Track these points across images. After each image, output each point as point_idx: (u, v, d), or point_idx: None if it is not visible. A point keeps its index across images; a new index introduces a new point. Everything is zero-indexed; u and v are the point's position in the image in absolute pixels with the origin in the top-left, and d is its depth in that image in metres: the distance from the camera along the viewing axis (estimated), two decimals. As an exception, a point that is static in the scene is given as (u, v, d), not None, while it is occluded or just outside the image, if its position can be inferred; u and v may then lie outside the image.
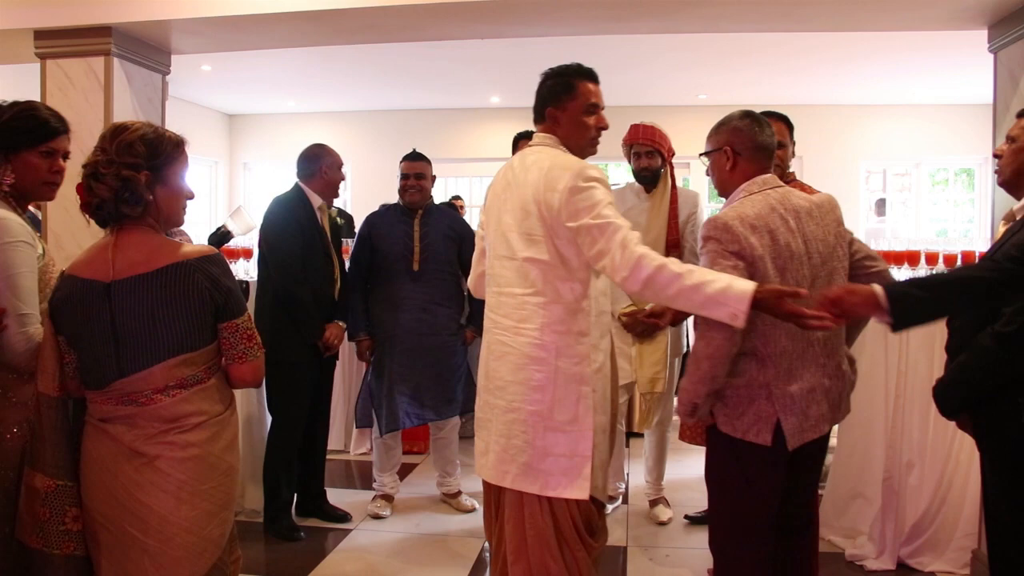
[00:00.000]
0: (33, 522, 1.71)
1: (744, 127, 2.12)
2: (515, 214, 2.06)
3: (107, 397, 1.72)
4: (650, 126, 3.36)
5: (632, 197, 3.40)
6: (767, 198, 2.04)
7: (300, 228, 3.34)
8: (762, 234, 1.97)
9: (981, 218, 8.00)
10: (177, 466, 1.71)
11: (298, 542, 3.32)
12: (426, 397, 3.52)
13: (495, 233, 2.13)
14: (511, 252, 2.06)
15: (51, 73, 3.37)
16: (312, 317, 3.33)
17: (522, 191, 2.06)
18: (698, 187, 8.25)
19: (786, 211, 2.03)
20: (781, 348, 2.00)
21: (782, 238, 1.99)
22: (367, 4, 3.15)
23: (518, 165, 2.13)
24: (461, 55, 6.01)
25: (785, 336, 1.99)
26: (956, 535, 2.98)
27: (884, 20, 3.48)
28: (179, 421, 1.72)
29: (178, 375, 1.72)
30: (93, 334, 1.71)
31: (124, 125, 1.76)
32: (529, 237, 2.03)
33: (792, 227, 2.01)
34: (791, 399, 2.00)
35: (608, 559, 3.11)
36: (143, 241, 1.74)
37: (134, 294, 1.69)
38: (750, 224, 1.97)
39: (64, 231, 3.33)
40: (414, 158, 3.64)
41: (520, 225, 2.05)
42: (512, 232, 2.06)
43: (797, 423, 2.00)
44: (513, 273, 2.06)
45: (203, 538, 1.74)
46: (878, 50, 5.84)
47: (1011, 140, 2.04)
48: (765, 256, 1.96)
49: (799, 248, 2.01)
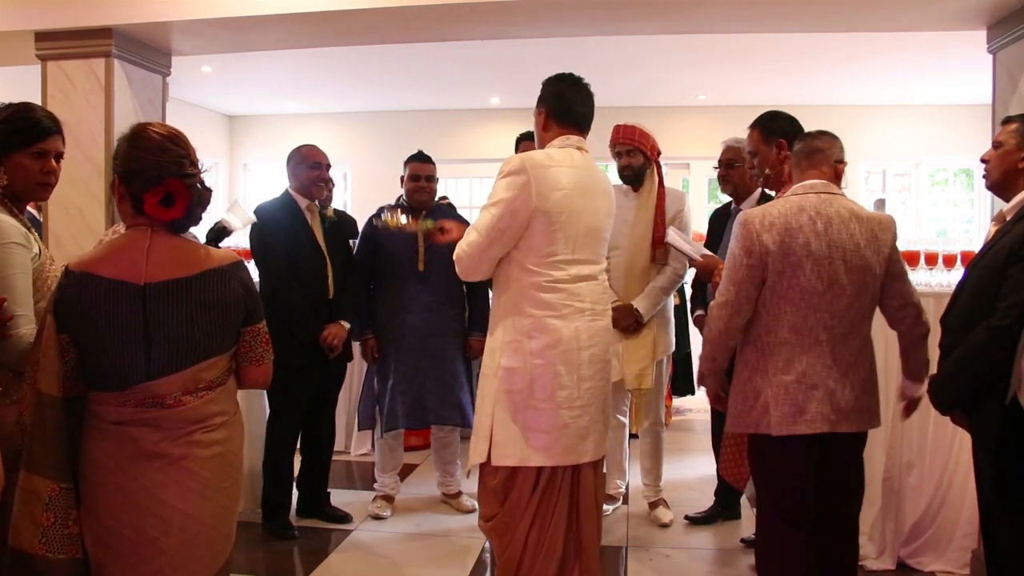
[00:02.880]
0: (34, 528, 1.66)
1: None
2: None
3: (124, 399, 1.70)
4: (630, 126, 3.40)
5: (619, 196, 3.41)
6: (803, 200, 2.19)
7: (284, 230, 3.34)
8: (778, 231, 2.13)
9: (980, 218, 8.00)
10: (204, 465, 1.72)
11: (299, 543, 3.32)
12: (428, 399, 3.52)
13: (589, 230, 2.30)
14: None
15: (52, 75, 3.38)
16: (304, 316, 3.32)
17: (604, 201, 2.35)
18: (698, 187, 8.26)
19: (817, 214, 2.15)
20: (781, 339, 2.15)
21: (802, 237, 2.13)
22: (367, 5, 3.16)
23: (591, 171, 2.34)
24: (461, 56, 6.02)
25: (787, 328, 2.15)
26: (956, 535, 2.98)
27: (884, 20, 3.49)
28: (205, 421, 1.73)
29: (206, 377, 1.73)
30: (118, 335, 1.68)
31: (174, 130, 1.78)
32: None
33: (819, 230, 2.13)
34: (783, 387, 2.14)
35: (608, 559, 3.11)
36: (176, 245, 1.74)
37: (172, 298, 1.69)
38: (769, 222, 2.15)
39: (65, 232, 3.34)
40: (424, 160, 3.64)
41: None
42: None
43: (788, 411, 2.13)
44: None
45: (222, 534, 1.78)
46: (877, 50, 5.84)
47: (998, 145, 2.14)
48: (776, 252, 2.12)
49: (819, 249, 2.12)
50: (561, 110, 2.33)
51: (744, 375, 2.24)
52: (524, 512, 2.24)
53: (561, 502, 2.26)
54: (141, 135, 1.72)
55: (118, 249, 1.73)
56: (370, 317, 3.58)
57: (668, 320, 3.51)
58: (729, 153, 3.36)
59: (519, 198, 2.17)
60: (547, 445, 2.21)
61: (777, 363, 2.15)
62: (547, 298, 2.21)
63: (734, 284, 2.18)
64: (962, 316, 2.07)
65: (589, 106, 2.36)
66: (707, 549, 3.32)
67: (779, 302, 2.15)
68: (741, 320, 2.21)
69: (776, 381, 2.14)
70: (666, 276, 3.41)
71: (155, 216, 1.70)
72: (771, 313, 2.16)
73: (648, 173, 3.41)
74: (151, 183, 1.68)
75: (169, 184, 1.69)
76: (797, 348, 2.14)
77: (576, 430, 2.23)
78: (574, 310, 2.23)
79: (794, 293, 2.13)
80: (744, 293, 2.17)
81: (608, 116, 2.29)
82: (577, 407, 2.23)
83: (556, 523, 2.24)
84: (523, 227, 2.20)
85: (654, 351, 3.40)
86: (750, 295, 2.17)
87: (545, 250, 2.21)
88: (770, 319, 2.16)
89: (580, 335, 2.23)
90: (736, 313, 2.19)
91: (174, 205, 1.70)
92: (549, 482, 2.25)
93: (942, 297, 2.92)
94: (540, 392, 2.21)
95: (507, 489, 2.26)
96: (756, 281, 2.16)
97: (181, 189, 1.70)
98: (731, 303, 2.19)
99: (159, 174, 1.68)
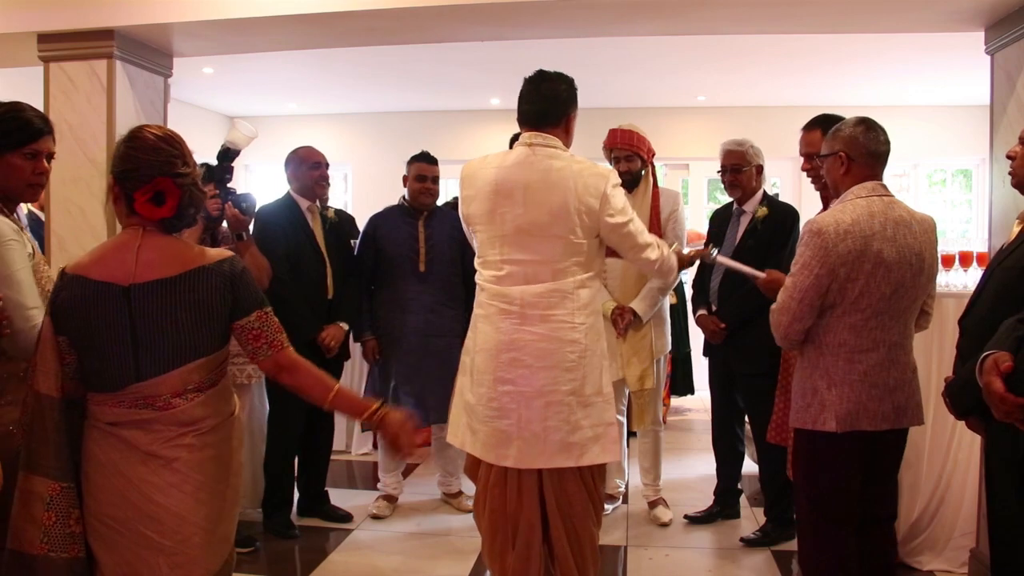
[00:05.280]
0: (34, 528, 1.66)
1: (859, 134, 2.26)
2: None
3: (119, 400, 1.71)
4: (628, 130, 3.40)
5: None
6: (870, 204, 2.18)
7: (284, 231, 3.35)
8: (853, 240, 2.10)
9: (978, 219, 8.01)
10: (196, 467, 1.72)
11: (300, 542, 3.33)
12: (429, 399, 3.52)
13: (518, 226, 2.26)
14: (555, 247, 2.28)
15: (54, 76, 3.38)
16: (302, 316, 3.34)
17: (551, 195, 2.23)
18: (697, 188, 8.27)
19: (886, 220, 2.15)
20: (842, 340, 2.16)
21: (875, 244, 2.11)
22: (368, 7, 3.16)
23: (528, 168, 2.25)
24: (461, 57, 6.03)
25: (849, 330, 2.16)
26: (955, 534, 2.99)
27: (882, 22, 3.49)
28: (196, 424, 1.73)
29: (196, 378, 1.73)
30: (108, 337, 1.69)
31: (170, 131, 1.78)
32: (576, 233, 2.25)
33: (889, 235, 2.14)
34: (846, 386, 2.15)
35: (608, 559, 3.12)
36: (165, 244, 1.73)
37: (156, 298, 1.68)
38: (844, 230, 2.11)
39: (68, 234, 3.34)
40: (430, 161, 3.65)
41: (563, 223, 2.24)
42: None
43: (850, 409, 2.14)
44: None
45: (218, 536, 1.77)
46: (876, 52, 5.85)
47: None
48: (850, 261, 2.10)
49: (891, 256, 2.12)
50: (519, 111, 2.39)
51: (805, 372, 2.25)
52: (485, 502, 2.34)
53: (526, 505, 2.26)
54: (137, 136, 1.73)
55: (110, 250, 1.74)
56: (371, 318, 3.59)
57: (664, 320, 3.53)
58: (733, 158, 3.35)
59: (461, 204, 2.40)
60: (478, 437, 2.29)
61: (838, 363, 2.16)
62: (479, 298, 2.33)
63: (799, 292, 2.16)
64: (983, 319, 1.95)
65: (534, 102, 2.34)
66: (706, 548, 3.33)
67: (845, 306, 2.15)
68: (802, 327, 2.20)
69: (838, 380, 2.16)
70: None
71: (145, 215, 1.70)
72: (835, 315, 2.16)
73: (643, 175, 3.43)
74: (142, 182, 1.69)
75: (159, 183, 1.69)
76: (858, 349, 2.15)
77: (494, 430, 2.24)
78: (498, 311, 2.26)
79: (862, 298, 2.13)
80: (808, 302, 2.16)
81: (608, 117, 2.31)
82: (494, 408, 2.24)
83: (525, 526, 2.26)
84: (470, 232, 2.40)
85: (652, 352, 3.41)
86: (813, 304, 2.16)
87: (480, 251, 2.35)
88: (833, 320, 2.17)
89: (501, 337, 2.24)
90: (796, 320, 2.19)
91: (164, 204, 1.70)
92: (504, 480, 2.28)
93: (942, 297, 2.94)
94: (468, 384, 2.33)
95: (473, 476, 2.41)
96: (821, 291, 2.14)
97: (171, 188, 1.70)
98: (792, 311, 2.18)
99: (150, 173, 1.69)
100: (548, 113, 2.30)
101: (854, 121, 2.29)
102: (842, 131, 2.28)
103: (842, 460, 2.19)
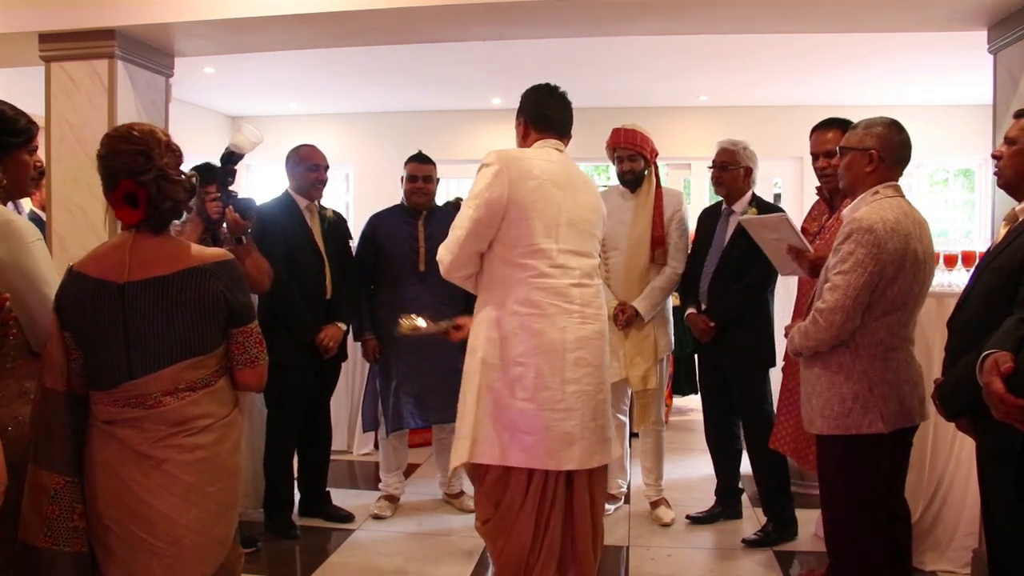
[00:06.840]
0: (40, 521, 1.70)
1: (893, 136, 2.27)
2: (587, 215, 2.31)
3: (114, 399, 1.72)
4: (631, 130, 3.40)
5: (616, 197, 3.48)
6: (900, 204, 2.21)
7: (283, 231, 3.35)
8: (899, 238, 2.14)
9: (981, 218, 8.01)
10: (185, 469, 1.71)
11: (301, 542, 3.33)
12: (430, 399, 3.52)
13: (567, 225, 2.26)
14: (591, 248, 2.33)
15: (55, 76, 3.38)
16: (301, 316, 3.33)
17: (587, 196, 2.33)
18: (699, 188, 8.27)
19: (914, 219, 2.21)
20: (878, 339, 2.20)
21: (912, 243, 2.16)
22: (369, 6, 3.16)
23: (569, 167, 2.33)
24: (462, 57, 6.03)
25: (885, 330, 2.20)
26: (957, 535, 2.98)
27: (884, 21, 3.49)
28: (186, 424, 1.73)
29: (188, 378, 1.73)
30: (103, 334, 1.71)
31: (158, 130, 1.78)
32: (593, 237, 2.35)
33: (919, 235, 2.19)
34: (886, 385, 2.19)
35: (609, 559, 3.12)
36: (160, 243, 1.75)
37: (149, 296, 1.70)
38: (891, 228, 2.14)
39: (69, 234, 3.34)
40: (422, 160, 3.64)
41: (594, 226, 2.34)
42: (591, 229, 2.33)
43: (895, 408, 2.19)
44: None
45: (210, 539, 1.76)
46: (878, 51, 5.84)
47: (1010, 142, 2.00)
48: (897, 259, 2.13)
49: (922, 255, 2.19)
50: (538, 118, 2.38)
51: (834, 379, 2.24)
52: (519, 515, 2.20)
53: (557, 506, 2.23)
54: (103, 144, 1.75)
55: (110, 249, 1.77)
56: (371, 318, 3.58)
57: (667, 320, 3.53)
58: (723, 155, 3.35)
59: (493, 187, 2.18)
60: (528, 446, 2.17)
61: (875, 363, 2.20)
62: (534, 296, 2.19)
63: (853, 291, 2.15)
64: (971, 321, 1.95)
65: (565, 111, 2.39)
66: (708, 549, 3.33)
67: (885, 305, 2.18)
68: (853, 327, 2.20)
69: (878, 380, 2.20)
70: (665, 276, 3.42)
71: (122, 220, 1.71)
72: (872, 315, 2.19)
73: (647, 175, 3.43)
74: (109, 190, 1.71)
75: (123, 187, 1.69)
76: (890, 347, 2.21)
77: (559, 434, 2.17)
78: (561, 310, 2.20)
79: (898, 297, 2.18)
80: (861, 299, 2.17)
81: (610, 117, 2.31)
82: (561, 410, 2.18)
83: (553, 527, 2.22)
84: (499, 217, 2.19)
85: (655, 351, 3.42)
86: (863, 302, 2.17)
87: (527, 240, 2.20)
88: (870, 320, 2.19)
89: (566, 336, 2.20)
90: (850, 320, 2.19)
91: (138, 206, 1.70)
92: (544, 485, 2.21)
93: (943, 297, 2.94)
94: (521, 392, 2.17)
95: (500, 491, 2.22)
96: (872, 288, 2.16)
97: (136, 188, 1.69)
98: (847, 309, 2.17)
99: (115, 178, 1.70)
100: (571, 123, 2.44)
101: (887, 121, 2.29)
102: (876, 129, 2.28)
103: (886, 459, 2.24)
